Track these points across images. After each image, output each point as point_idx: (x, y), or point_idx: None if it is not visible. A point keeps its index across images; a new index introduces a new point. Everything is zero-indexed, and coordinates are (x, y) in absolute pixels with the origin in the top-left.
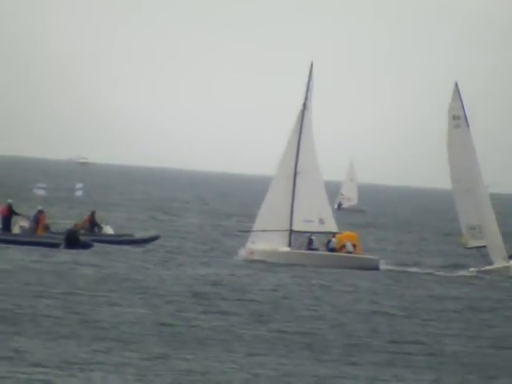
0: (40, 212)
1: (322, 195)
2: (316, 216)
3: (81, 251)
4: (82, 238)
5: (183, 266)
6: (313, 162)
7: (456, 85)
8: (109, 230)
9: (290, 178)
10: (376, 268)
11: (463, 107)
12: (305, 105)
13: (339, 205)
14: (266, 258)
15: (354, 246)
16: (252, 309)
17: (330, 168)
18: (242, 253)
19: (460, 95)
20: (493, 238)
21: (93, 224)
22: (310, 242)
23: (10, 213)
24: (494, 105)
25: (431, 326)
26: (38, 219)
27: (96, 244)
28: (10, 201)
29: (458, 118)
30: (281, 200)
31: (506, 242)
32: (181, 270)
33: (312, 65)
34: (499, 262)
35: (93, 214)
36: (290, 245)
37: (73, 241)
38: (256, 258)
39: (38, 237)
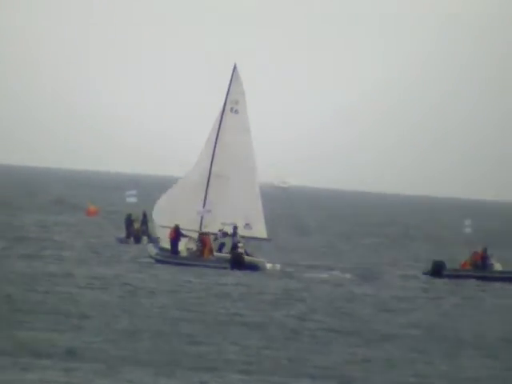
0: (204, 234)
1: (251, 200)
2: (242, 220)
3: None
4: (474, 274)
5: None
6: (241, 166)
7: None
8: (499, 266)
9: (204, 180)
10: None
11: None
12: (230, 108)
13: None
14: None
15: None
16: None
17: None
18: (151, 249)
19: None
20: None
21: (485, 260)
22: (221, 246)
23: (178, 235)
24: None
25: None
26: (203, 241)
27: (485, 281)
28: (177, 223)
29: None
30: (192, 201)
31: None
32: None
33: (235, 67)
34: None
35: (485, 251)
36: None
37: (239, 263)
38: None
39: (205, 260)
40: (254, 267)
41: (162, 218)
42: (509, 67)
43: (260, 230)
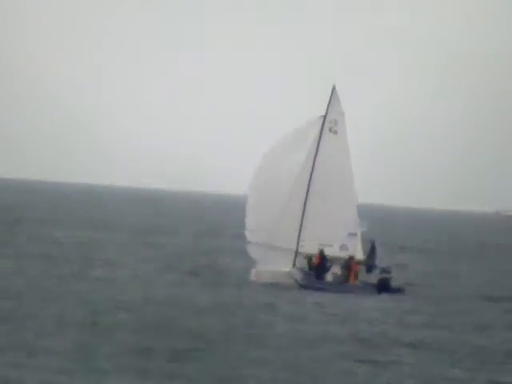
0: (351, 259)
1: (349, 221)
2: (339, 241)
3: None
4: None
5: None
6: (340, 187)
7: None
8: None
9: (302, 199)
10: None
11: None
12: (329, 128)
13: None
14: (271, 280)
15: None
16: None
17: None
18: (253, 275)
19: None
20: None
21: None
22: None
23: (323, 260)
24: None
25: None
26: (349, 266)
27: None
28: (321, 248)
29: None
30: (292, 220)
31: None
32: None
33: (334, 88)
34: None
35: None
36: (293, 265)
37: (384, 287)
38: (262, 280)
39: (351, 286)
40: (399, 290)
41: (257, 235)
42: None
43: (356, 251)
